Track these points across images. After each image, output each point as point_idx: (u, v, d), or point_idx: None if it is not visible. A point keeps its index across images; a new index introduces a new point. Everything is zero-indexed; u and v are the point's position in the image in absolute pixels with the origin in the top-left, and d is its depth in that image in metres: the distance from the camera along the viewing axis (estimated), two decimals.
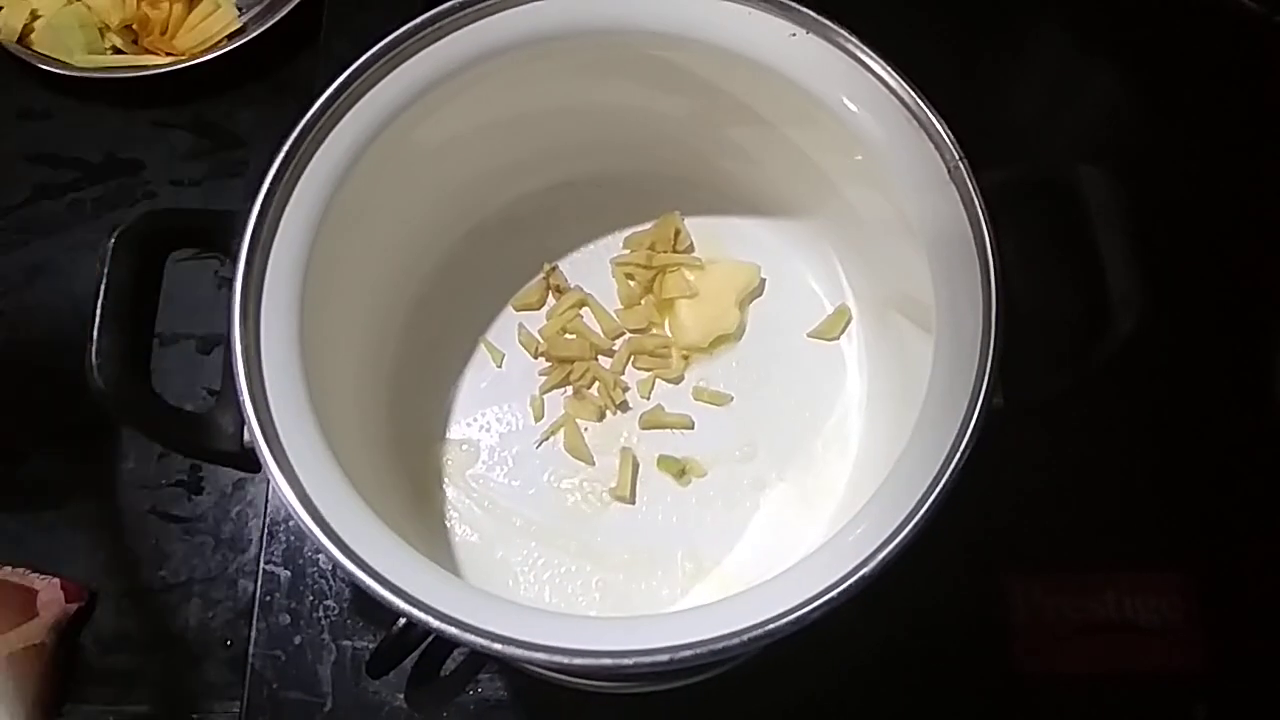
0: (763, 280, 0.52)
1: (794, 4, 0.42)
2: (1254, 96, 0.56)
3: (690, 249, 0.53)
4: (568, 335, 0.52)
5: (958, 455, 0.36)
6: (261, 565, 0.54)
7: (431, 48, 0.42)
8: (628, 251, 0.53)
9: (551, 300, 0.52)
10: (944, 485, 0.36)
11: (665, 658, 0.33)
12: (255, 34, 0.66)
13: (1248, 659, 0.51)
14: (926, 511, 0.36)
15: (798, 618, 0.34)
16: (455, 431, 0.50)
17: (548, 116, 0.49)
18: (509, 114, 0.47)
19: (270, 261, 0.39)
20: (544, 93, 0.47)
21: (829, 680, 0.51)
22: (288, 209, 0.40)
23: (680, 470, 0.49)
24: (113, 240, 0.39)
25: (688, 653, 0.33)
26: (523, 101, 0.47)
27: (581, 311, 0.52)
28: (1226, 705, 0.50)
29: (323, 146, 0.41)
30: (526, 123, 0.49)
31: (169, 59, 0.66)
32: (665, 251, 0.52)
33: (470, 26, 0.42)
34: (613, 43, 0.44)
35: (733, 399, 0.51)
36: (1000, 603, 0.52)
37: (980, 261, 0.39)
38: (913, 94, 0.41)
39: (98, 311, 0.38)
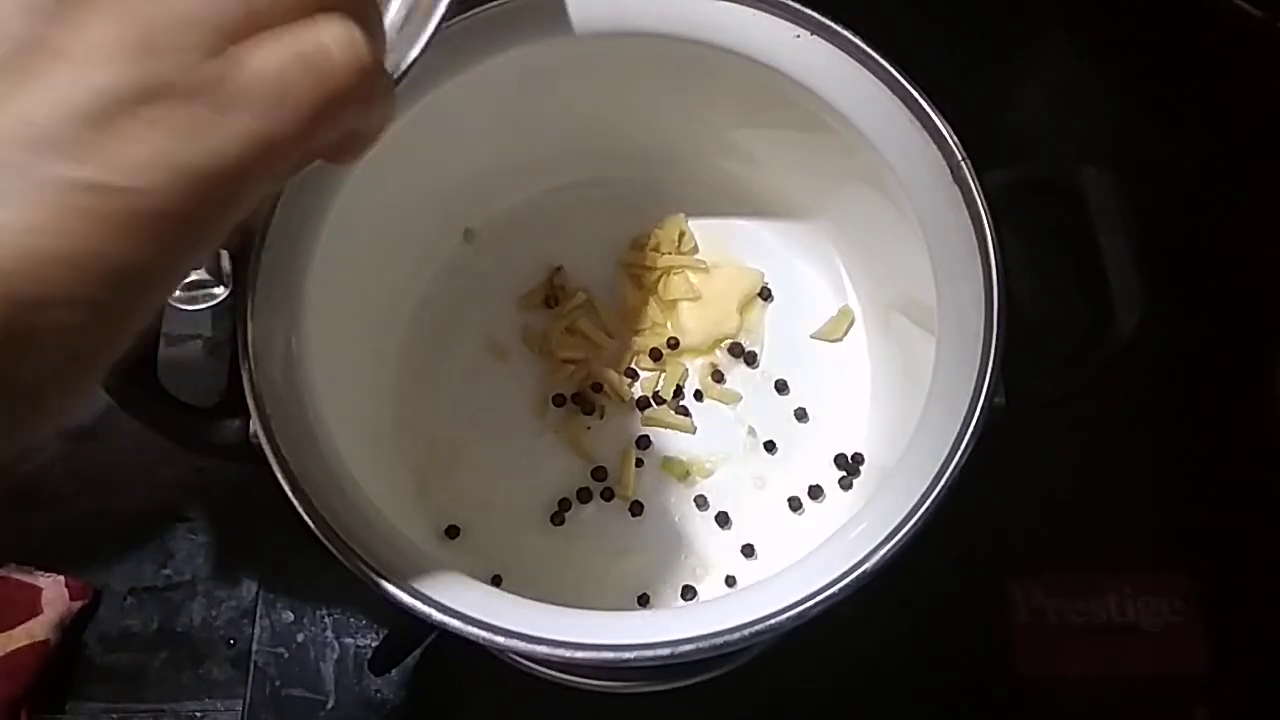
0: (766, 284, 0.52)
1: (798, 6, 0.42)
2: (1255, 100, 0.56)
3: (694, 251, 0.53)
4: (572, 335, 0.52)
5: (959, 455, 0.37)
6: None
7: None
8: (632, 253, 0.53)
9: (556, 301, 0.53)
10: (944, 484, 0.36)
11: (666, 651, 0.33)
12: None
13: (1249, 661, 0.51)
14: (926, 510, 0.36)
15: (797, 614, 0.34)
16: (459, 428, 0.50)
17: (552, 118, 0.49)
18: (513, 115, 0.48)
19: (276, 260, 0.40)
20: (547, 94, 0.47)
21: (832, 681, 0.51)
22: (295, 207, 0.40)
23: (685, 472, 0.49)
24: None
25: (688, 646, 0.33)
26: (526, 103, 0.47)
27: (586, 312, 0.52)
28: (1228, 708, 0.50)
29: None
30: (530, 124, 0.49)
31: None
32: (669, 253, 0.53)
33: (470, 23, 0.42)
34: (615, 44, 0.44)
35: (736, 400, 0.51)
36: (1002, 605, 0.52)
37: (982, 261, 0.39)
38: (916, 95, 0.41)
39: None
